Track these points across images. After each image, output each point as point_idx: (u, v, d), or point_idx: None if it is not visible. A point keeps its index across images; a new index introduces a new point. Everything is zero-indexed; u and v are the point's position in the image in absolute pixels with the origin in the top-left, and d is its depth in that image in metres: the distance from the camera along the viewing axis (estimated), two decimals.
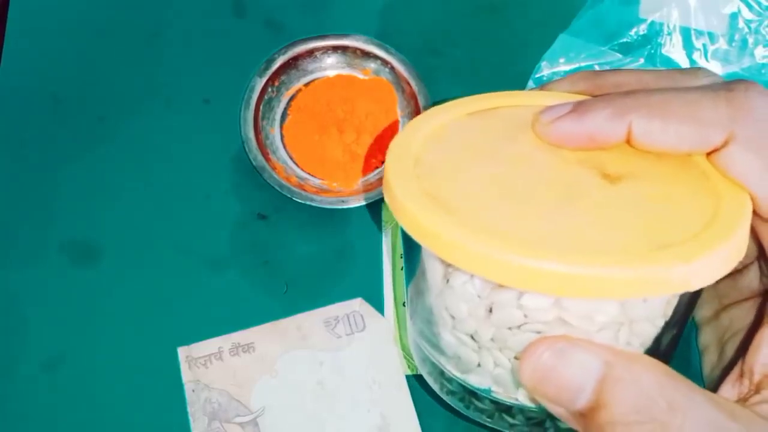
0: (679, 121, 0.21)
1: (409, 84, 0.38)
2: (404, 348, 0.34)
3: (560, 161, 0.22)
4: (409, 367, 0.34)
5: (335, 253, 0.37)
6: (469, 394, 0.24)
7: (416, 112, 0.38)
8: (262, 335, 0.35)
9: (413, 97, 0.38)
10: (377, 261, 0.36)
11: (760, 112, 0.21)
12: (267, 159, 0.37)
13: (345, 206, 0.36)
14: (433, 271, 0.23)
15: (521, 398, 0.23)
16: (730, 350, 0.24)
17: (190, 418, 0.33)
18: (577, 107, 0.22)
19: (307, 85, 0.39)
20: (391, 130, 0.38)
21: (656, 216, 0.21)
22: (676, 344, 0.24)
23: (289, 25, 0.41)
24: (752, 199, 0.21)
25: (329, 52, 0.39)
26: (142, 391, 0.34)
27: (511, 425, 0.24)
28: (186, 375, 0.34)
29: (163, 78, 0.40)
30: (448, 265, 0.22)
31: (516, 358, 0.22)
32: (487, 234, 0.19)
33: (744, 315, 0.25)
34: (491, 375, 0.23)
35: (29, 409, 0.34)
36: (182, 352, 0.34)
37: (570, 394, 0.20)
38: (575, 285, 0.19)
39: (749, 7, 0.38)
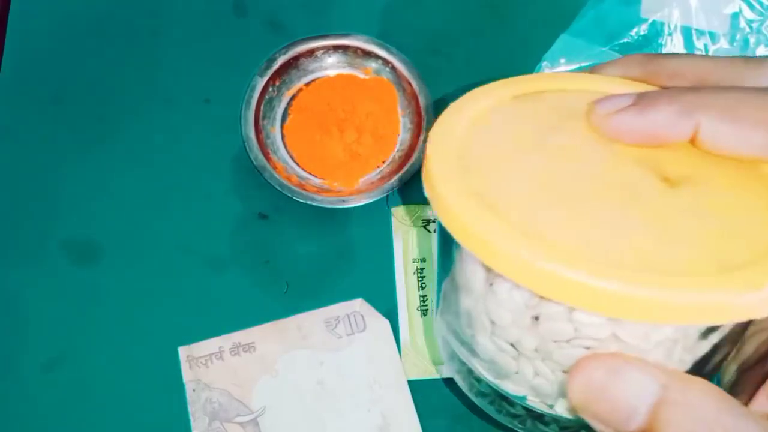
0: (752, 126, 0.19)
1: (410, 83, 0.38)
2: (419, 351, 0.34)
3: (615, 158, 0.20)
4: (432, 363, 0.34)
5: (336, 252, 0.37)
6: (501, 398, 0.23)
7: (417, 111, 0.38)
8: (262, 335, 0.35)
9: (414, 96, 0.38)
10: (378, 261, 0.36)
11: None
12: (268, 158, 0.37)
13: (346, 206, 0.36)
14: (473, 273, 0.21)
15: (559, 409, 0.22)
16: (751, 347, 0.23)
17: (191, 418, 0.33)
18: (640, 100, 0.21)
19: (307, 84, 0.39)
20: (391, 130, 0.38)
21: (721, 229, 0.19)
22: (728, 357, 0.22)
23: (290, 24, 0.41)
24: None
25: (330, 51, 0.39)
26: (143, 390, 0.34)
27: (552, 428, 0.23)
28: (187, 374, 0.34)
29: (163, 78, 0.40)
30: (492, 270, 0.20)
31: (563, 372, 0.20)
32: (538, 242, 0.18)
33: None
34: (530, 384, 0.21)
35: (29, 409, 0.34)
36: (183, 351, 0.34)
37: (623, 415, 0.19)
38: (631, 307, 0.17)
39: (750, 6, 0.38)
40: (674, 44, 0.38)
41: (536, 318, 0.20)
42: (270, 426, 0.33)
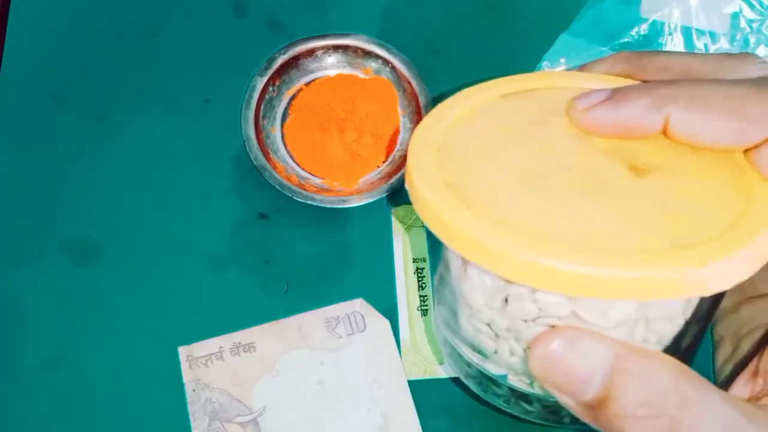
0: (721, 116, 0.20)
1: (410, 83, 0.38)
2: (419, 351, 0.34)
3: (590, 150, 0.22)
4: (434, 362, 0.34)
5: (336, 252, 0.37)
6: (488, 379, 0.24)
7: (417, 111, 0.38)
8: (262, 335, 0.35)
9: (414, 96, 0.38)
10: (378, 260, 0.36)
11: None
12: (268, 158, 0.37)
13: (346, 206, 0.36)
14: (453, 259, 0.22)
15: (537, 388, 0.23)
16: (747, 345, 0.24)
17: (191, 418, 0.33)
18: (614, 95, 0.21)
19: (308, 84, 0.39)
20: (392, 130, 0.38)
21: (680, 213, 0.20)
22: (699, 341, 0.23)
23: (290, 24, 0.41)
24: None
25: (330, 51, 0.39)
26: (143, 390, 0.34)
27: (527, 411, 0.24)
28: (186, 375, 0.34)
29: (163, 78, 0.40)
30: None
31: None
32: (501, 228, 0.19)
33: (762, 309, 0.24)
34: (507, 363, 0.22)
35: (29, 409, 0.34)
36: (183, 351, 0.34)
37: (578, 384, 0.19)
38: (586, 286, 0.18)
39: (751, 6, 0.38)
40: (674, 44, 0.38)
41: (506, 300, 0.21)
42: (270, 426, 0.33)
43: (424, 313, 0.35)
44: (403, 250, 0.36)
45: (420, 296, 0.35)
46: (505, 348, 0.22)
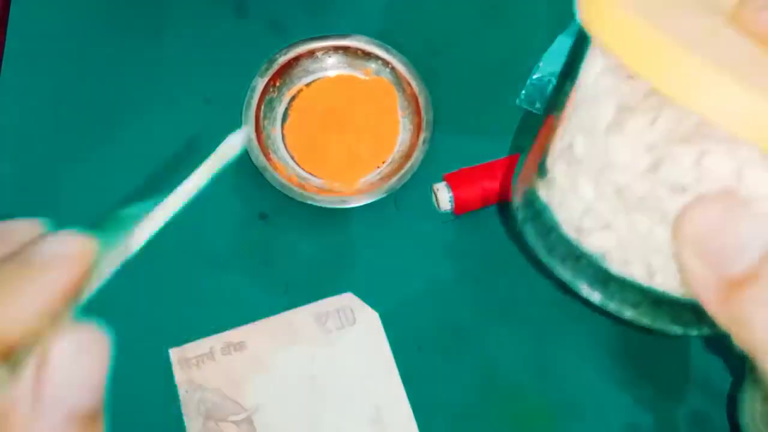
0: None
1: (409, 84, 0.38)
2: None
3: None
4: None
5: (335, 252, 0.37)
6: (566, 249, 0.23)
7: (417, 112, 0.38)
8: (253, 333, 0.35)
9: (414, 97, 0.38)
10: (377, 260, 0.36)
11: None
12: (268, 159, 0.37)
13: (345, 206, 0.36)
14: (606, 107, 0.20)
15: (635, 271, 0.21)
16: None
17: (185, 419, 0.33)
18: None
19: (308, 85, 0.39)
20: (391, 130, 0.38)
21: None
22: None
23: (291, 25, 0.41)
24: None
25: (330, 52, 0.39)
26: (137, 393, 0.34)
27: (611, 295, 0.23)
28: (178, 376, 0.34)
29: (164, 77, 0.40)
30: (627, 109, 0.20)
31: (663, 225, 0.20)
32: (707, 62, 0.17)
33: None
34: (621, 238, 0.21)
35: None
36: (174, 353, 0.34)
37: (733, 252, 0.18)
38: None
39: None
40: None
41: (655, 165, 0.20)
42: (264, 423, 0.33)
43: None
44: None
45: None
46: (623, 221, 0.21)
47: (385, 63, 0.39)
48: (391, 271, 0.36)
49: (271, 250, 0.37)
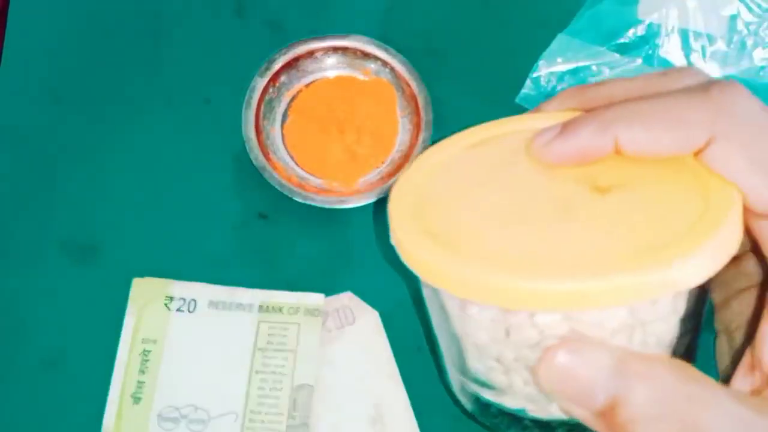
0: (661, 126, 0.21)
1: (409, 85, 0.38)
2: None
3: (555, 180, 0.23)
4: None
5: (335, 252, 0.37)
6: (509, 416, 0.25)
7: (416, 112, 0.38)
8: None
9: (413, 97, 0.38)
10: (377, 260, 0.36)
11: (738, 109, 0.21)
12: (268, 159, 0.37)
13: (345, 206, 0.36)
14: (451, 305, 0.23)
15: (555, 412, 0.23)
16: (739, 337, 0.24)
17: None
18: (564, 127, 0.23)
19: (307, 85, 0.39)
20: (391, 131, 0.39)
21: (644, 221, 0.21)
22: (696, 338, 0.24)
23: (290, 25, 0.41)
24: (741, 193, 0.21)
25: (330, 52, 0.39)
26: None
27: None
28: None
29: (163, 78, 0.40)
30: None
31: None
32: (490, 264, 0.20)
33: (749, 303, 0.25)
34: (524, 393, 0.23)
35: (29, 408, 0.34)
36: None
37: (587, 391, 0.20)
38: (579, 299, 0.19)
39: (749, 9, 0.38)
40: (671, 45, 0.39)
41: (507, 332, 0.22)
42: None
43: (137, 401, 0.33)
44: (134, 327, 0.34)
45: (137, 382, 0.33)
46: (518, 379, 0.23)
47: (385, 63, 0.39)
48: (391, 270, 0.36)
49: (271, 250, 0.37)
